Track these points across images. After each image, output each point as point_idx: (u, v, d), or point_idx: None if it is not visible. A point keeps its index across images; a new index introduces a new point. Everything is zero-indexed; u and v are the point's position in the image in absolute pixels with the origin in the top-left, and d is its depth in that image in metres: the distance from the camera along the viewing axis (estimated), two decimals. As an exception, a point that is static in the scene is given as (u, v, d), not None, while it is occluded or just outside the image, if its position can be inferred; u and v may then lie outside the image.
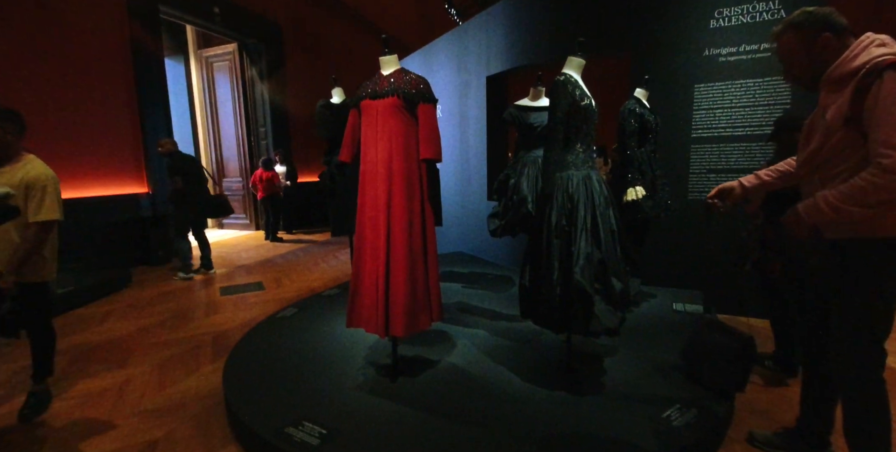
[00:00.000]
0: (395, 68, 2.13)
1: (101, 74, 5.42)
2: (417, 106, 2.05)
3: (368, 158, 2.08)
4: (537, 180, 2.83)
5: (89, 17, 5.24)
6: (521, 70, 4.31)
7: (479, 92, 4.71)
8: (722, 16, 3.22)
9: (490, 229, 3.03)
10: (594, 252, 1.93)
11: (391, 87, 2.03)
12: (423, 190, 2.13)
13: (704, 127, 3.41)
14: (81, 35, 5.17)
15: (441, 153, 2.08)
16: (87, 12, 5.21)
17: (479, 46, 4.66)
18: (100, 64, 5.40)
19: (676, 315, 3.14)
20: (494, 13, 4.42)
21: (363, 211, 2.12)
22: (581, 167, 2.02)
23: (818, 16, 1.33)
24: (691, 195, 3.53)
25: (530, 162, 2.88)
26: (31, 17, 4.68)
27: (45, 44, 4.81)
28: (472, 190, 5.05)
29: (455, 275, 4.41)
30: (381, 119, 2.03)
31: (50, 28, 4.84)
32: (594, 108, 2.03)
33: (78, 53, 5.14)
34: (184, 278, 5.19)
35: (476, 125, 4.82)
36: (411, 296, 2.09)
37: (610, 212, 2.01)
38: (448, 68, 5.26)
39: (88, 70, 5.27)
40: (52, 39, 4.87)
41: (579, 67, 2.06)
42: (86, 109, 5.28)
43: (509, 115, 2.92)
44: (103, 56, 5.44)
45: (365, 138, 2.08)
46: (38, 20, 4.73)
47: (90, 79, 5.30)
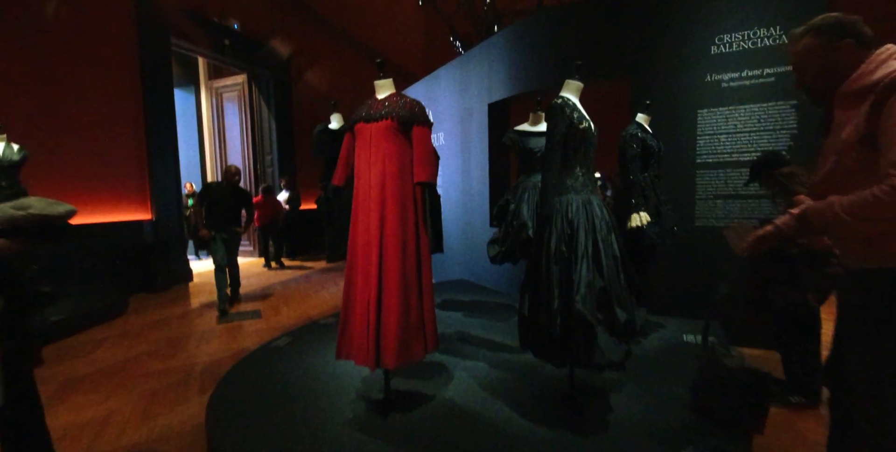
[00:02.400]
0: (390, 92, 2.11)
1: (109, 103, 5.54)
2: (412, 128, 2.01)
3: (362, 182, 2.03)
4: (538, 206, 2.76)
5: (100, 47, 5.41)
6: (522, 97, 4.33)
7: (480, 119, 4.73)
8: (723, 42, 3.23)
9: (490, 255, 2.95)
10: (596, 280, 1.83)
11: (385, 109, 2.01)
12: (418, 214, 2.06)
13: (709, 152, 3.35)
14: (91, 65, 5.31)
15: (436, 176, 2.03)
16: (98, 43, 5.37)
17: (480, 74, 4.72)
18: (109, 93, 5.53)
19: (687, 347, 2.99)
20: (496, 41, 4.49)
21: (355, 236, 2.05)
22: (581, 191, 1.95)
23: (844, 21, 1.25)
24: (698, 222, 3.43)
25: (531, 187, 2.82)
26: (42, 45, 4.82)
27: (55, 71, 4.93)
28: (474, 216, 5.00)
29: (456, 303, 4.29)
30: (374, 142, 1.99)
31: (60, 56, 4.98)
32: (593, 131, 1.99)
33: (87, 82, 5.27)
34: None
35: (478, 152, 4.81)
36: (404, 324, 1.98)
37: (612, 237, 1.92)
38: (450, 96, 5.32)
39: (97, 99, 5.39)
40: (61, 67, 5.00)
41: (577, 90, 2.03)
42: (93, 137, 5.36)
43: (509, 139, 2.89)
44: (113, 85, 5.58)
45: (359, 161, 2.05)
46: (50, 48, 4.87)
47: (98, 107, 5.41)
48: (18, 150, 3.98)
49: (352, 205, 2.08)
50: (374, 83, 2.11)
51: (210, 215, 4.53)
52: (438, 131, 5.61)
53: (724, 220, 3.37)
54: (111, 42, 5.51)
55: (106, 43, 5.45)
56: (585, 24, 3.79)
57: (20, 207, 1.41)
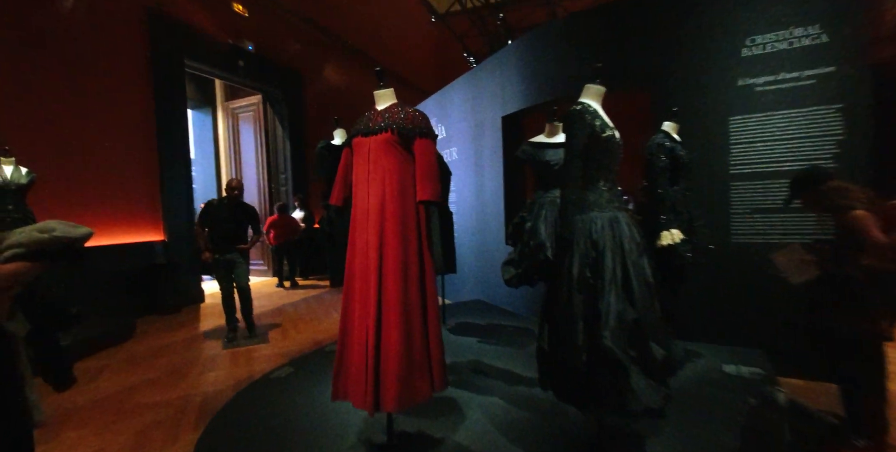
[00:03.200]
0: (391, 102, 1.93)
1: (122, 125, 5.55)
2: (414, 141, 1.82)
3: (360, 201, 1.83)
4: (557, 224, 2.52)
5: (114, 68, 5.44)
6: (537, 108, 4.13)
7: (494, 132, 4.54)
8: (755, 43, 2.98)
9: (505, 278, 2.70)
10: (627, 311, 1.57)
11: (385, 121, 1.82)
12: (422, 236, 1.85)
13: (744, 162, 3.07)
14: (105, 86, 5.34)
15: (440, 194, 1.82)
16: (111, 64, 5.41)
17: (493, 86, 4.55)
18: (122, 115, 5.55)
19: (728, 379, 2.66)
20: (508, 52, 4.33)
21: (352, 261, 1.85)
22: (606, 208, 1.70)
23: None
24: (735, 238, 3.13)
25: (548, 203, 2.59)
26: (57, 68, 4.85)
27: (67, 92, 4.95)
28: (488, 234, 4.76)
29: (470, 327, 4.02)
30: (373, 157, 1.80)
31: (74, 78, 5.00)
32: (618, 140, 1.75)
33: (101, 104, 5.29)
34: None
35: (492, 166, 4.61)
36: (406, 361, 1.75)
37: (644, 260, 1.67)
38: (462, 110, 5.16)
39: (110, 120, 5.40)
40: (75, 89, 5.02)
41: (598, 95, 1.81)
42: (105, 158, 5.36)
43: (523, 152, 2.67)
44: (126, 107, 5.59)
45: (356, 179, 1.85)
46: (64, 71, 4.90)
47: (111, 129, 5.42)
48: (26, 173, 3.95)
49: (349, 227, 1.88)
50: (374, 94, 1.93)
51: (212, 236, 4.13)
52: (451, 146, 5.44)
53: (763, 236, 3.06)
54: (125, 64, 5.56)
55: (120, 64, 5.49)
56: (602, 30, 3.60)
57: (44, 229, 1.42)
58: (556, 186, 2.61)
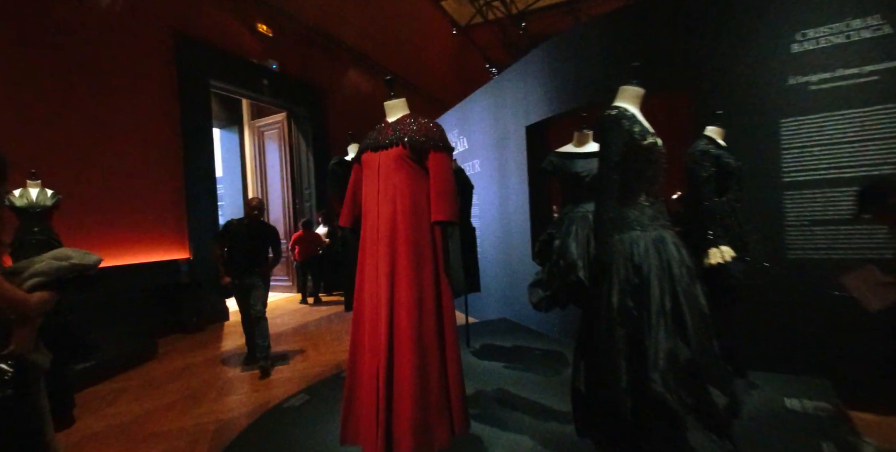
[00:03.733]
0: (403, 113, 1.76)
1: (148, 144, 5.63)
2: (427, 155, 1.64)
3: (369, 223, 1.66)
4: (588, 241, 2.29)
5: (141, 88, 5.54)
6: (562, 117, 3.92)
7: (518, 143, 4.34)
8: (806, 38, 2.70)
9: (532, 301, 2.46)
10: (679, 349, 1.32)
11: (396, 134, 1.65)
12: (438, 260, 1.65)
13: (799, 169, 2.76)
14: (132, 106, 5.43)
15: (457, 213, 1.62)
16: (138, 84, 5.51)
17: (516, 96, 4.37)
18: (148, 134, 5.63)
19: (793, 417, 2.32)
20: (531, 60, 4.15)
21: (361, 289, 1.66)
22: (649, 226, 1.47)
23: None
24: (791, 254, 2.80)
25: (578, 219, 2.35)
26: (83, 87, 4.93)
27: (95, 111, 5.04)
28: (513, 250, 4.52)
29: (495, 350, 3.77)
30: (383, 173, 1.63)
31: (101, 97, 5.10)
32: (661, 147, 1.53)
33: (127, 124, 5.37)
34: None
35: (516, 179, 4.40)
36: (422, 402, 1.54)
37: (697, 288, 1.42)
38: (485, 121, 4.99)
39: (136, 140, 5.48)
40: (101, 107, 5.11)
41: (636, 97, 1.60)
42: (132, 178, 5.43)
43: (550, 164, 2.45)
44: (152, 126, 5.68)
45: (366, 198, 1.68)
46: (90, 89, 4.98)
47: (138, 148, 5.50)
48: (52, 195, 3.98)
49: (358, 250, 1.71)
50: (385, 105, 1.77)
51: (231, 257, 3.89)
52: (474, 159, 5.27)
53: (823, 251, 2.72)
54: (152, 84, 5.66)
55: (147, 85, 5.60)
56: (633, 29, 3.36)
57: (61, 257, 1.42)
58: (586, 199, 2.38)
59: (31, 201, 3.86)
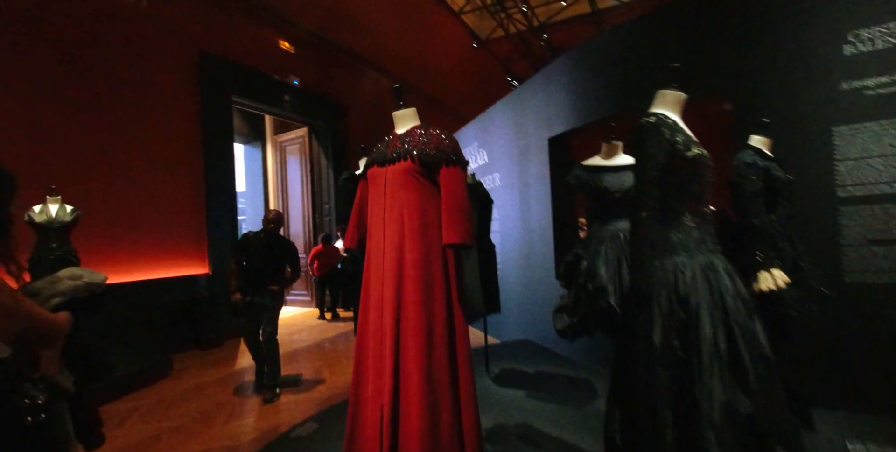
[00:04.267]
0: (413, 124, 1.61)
1: (169, 159, 5.68)
2: (439, 170, 1.48)
3: (374, 245, 1.50)
4: (620, 263, 2.07)
5: (163, 104, 5.60)
6: (587, 128, 3.72)
7: (540, 156, 4.15)
8: (859, 39, 2.45)
9: (558, 327, 2.24)
10: (739, 401, 1.10)
11: (404, 147, 1.50)
12: (451, 286, 1.47)
13: (856, 183, 2.48)
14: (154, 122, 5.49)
15: (471, 235, 1.44)
16: (161, 100, 5.57)
17: (538, 107, 4.20)
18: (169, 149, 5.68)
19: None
20: (554, 69, 3.99)
21: (366, 316, 1.50)
22: (696, 250, 1.26)
23: None
24: (848, 277, 2.50)
25: (607, 238, 2.14)
26: (105, 103, 4.99)
27: (118, 127, 5.08)
28: (536, 267, 4.30)
29: (516, 376, 3.53)
30: (390, 190, 1.48)
31: (124, 113, 5.15)
32: (708, 160, 1.32)
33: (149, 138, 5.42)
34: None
35: (538, 193, 4.20)
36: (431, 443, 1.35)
37: (757, 325, 1.19)
38: (505, 133, 4.83)
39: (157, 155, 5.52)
40: (124, 124, 5.15)
41: (676, 103, 1.40)
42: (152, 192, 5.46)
43: (576, 178, 2.25)
44: (174, 142, 5.73)
45: (371, 217, 1.53)
46: (113, 105, 5.04)
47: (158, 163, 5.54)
48: (71, 211, 4.00)
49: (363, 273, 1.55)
50: (393, 115, 1.63)
51: (245, 273, 3.66)
52: (494, 172, 5.10)
53: (885, 274, 2.42)
54: (175, 100, 5.73)
55: (170, 101, 5.67)
56: (663, 35, 3.16)
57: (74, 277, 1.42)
58: (616, 217, 2.17)
59: (51, 216, 3.88)
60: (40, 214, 3.83)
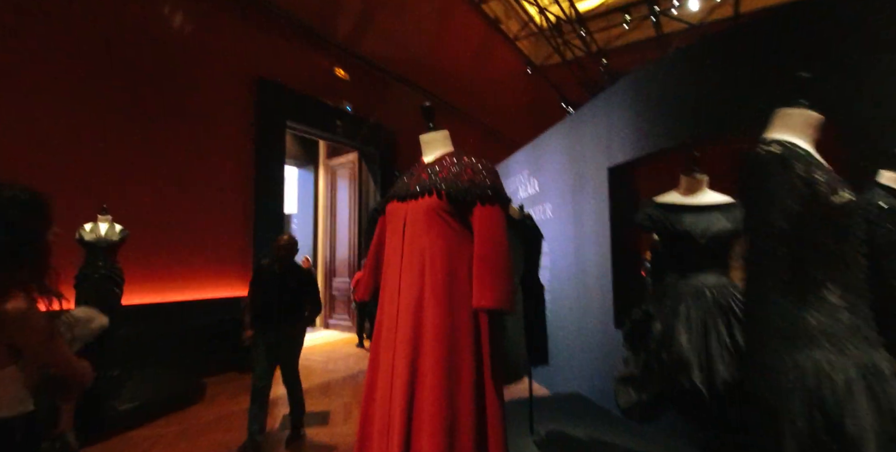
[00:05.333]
0: (444, 151, 1.32)
1: (223, 182, 5.78)
2: (472, 208, 1.16)
3: (387, 301, 1.19)
4: (706, 330, 1.62)
5: (220, 128, 5.74)
6: (656, 157, 3.29)
7: (598, 187, 3.74)
8: None
9: (621, 404, 1.80)
10: None
11: (430, 179, 1.20)
12: (484, 359, 1.12)
13: None
14: (209, 145, 5.63)
15: (509, 297, 1.09)
16: (218, 124, 5.71)
17: (597, 132, 3.82)
18: (223, 172, 5.79)
19: None
20: (616, 92, 3.61)
21: (372, 392, 1.18)
22: (849, 343, 0.84)
23: None
24: None
25: (690, 295, 1.71)
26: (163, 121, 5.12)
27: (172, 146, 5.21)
28: (591, 310, 3.81)
29: (566, 441, 3.03)
30: (409, 232, 1.18)
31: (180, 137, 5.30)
32: (861, 207, 0.91)
33: (203, 161, 5.55)
34: None
35: (595, 229, 3.76)
36: None
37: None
38: (559, 161, 4.46)
39: (210, 178, 5.63)
40: (180, 147, 5.30)
41: (807, 126, 1.02)
42: (203, 214, 5.54)
43: (647, 218, 1.85)
44: (228, 165, 5.85)
45: (387, 265, 1.23)
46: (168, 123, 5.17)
47: (210, 187, 5.64)
48: (120, 231, 4.05)
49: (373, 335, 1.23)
50: (420, 140, 1.34)
51: (257, 308, 3.19)
52: (545, 202, 4.71)
53: None
54: (230, 125, 5.88)
55: (225, 126, 5.82)
56: (748, 49, 2.70)
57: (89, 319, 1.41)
58: (700, 268, 1.73)
59: (100, 235, 3.94)
60: (90, 232, 3.90)
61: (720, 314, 1.65)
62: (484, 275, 1.08)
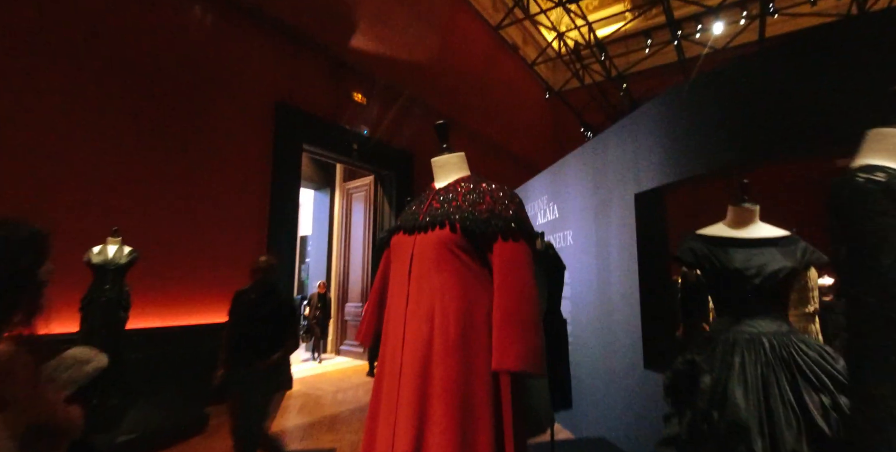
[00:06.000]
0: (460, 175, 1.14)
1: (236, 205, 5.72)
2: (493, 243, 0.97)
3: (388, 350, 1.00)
4: (766, 387, 1.38)
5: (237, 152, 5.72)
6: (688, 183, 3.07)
7: (624, 213, 3.52)
8: None
9: (663, 471, 1.54)
10: None
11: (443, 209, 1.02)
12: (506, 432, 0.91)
13: None
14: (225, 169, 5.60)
15: (538, 357, 0.89)
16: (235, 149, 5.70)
17: (622, 157, 3.63)
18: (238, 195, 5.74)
19: None
20: (643, 114, 3.44)
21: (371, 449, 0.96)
22: None
23: None
24: None
25: (744, 344, 1.46)
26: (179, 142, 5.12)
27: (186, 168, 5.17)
28: (617, 348, 3.52)
29: (594, 499, 2.71)
30: (417, 271, 0.99)
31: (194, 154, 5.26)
32: None
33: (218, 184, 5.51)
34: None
35: (621, 259, 3.52)
36: None
37: None
38: (581, 186, 4.27)
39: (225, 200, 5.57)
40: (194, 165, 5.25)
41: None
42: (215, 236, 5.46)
43: (690, 253, 1.62)
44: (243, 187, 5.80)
45: (390, 308, 1.04)
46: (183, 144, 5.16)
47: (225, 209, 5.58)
48: (129, 253, 3.97)
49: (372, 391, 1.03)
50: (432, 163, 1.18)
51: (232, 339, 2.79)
52: (566, 229, 4.49)
53: None
54: (247, 149, 5.87)
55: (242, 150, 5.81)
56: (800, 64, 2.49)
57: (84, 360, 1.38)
58: (755, 313, 1.50)
59: (108, 258, 3.86)
60: (98, 255, 3.82)
61: (782, 369, 1.40)
62: (506, 329, 0.87)
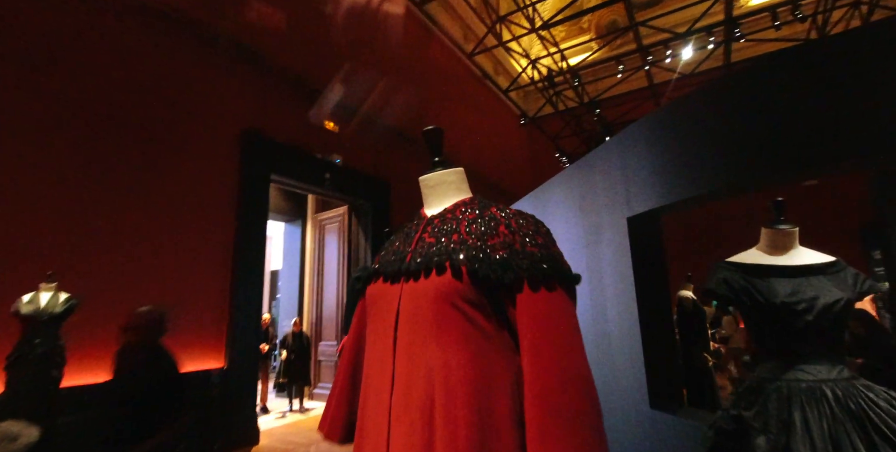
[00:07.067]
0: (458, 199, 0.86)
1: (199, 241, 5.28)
2: (515, 295, 0.67)
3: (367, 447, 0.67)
4: (835, 446, 1.11)
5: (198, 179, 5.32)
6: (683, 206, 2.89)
7: (616, 238, 3.31)
8: None
9: None
10: None
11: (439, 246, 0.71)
12: None
13: None
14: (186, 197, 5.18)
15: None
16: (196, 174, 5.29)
17: (611, 180, 3.46)
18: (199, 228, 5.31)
19: None
20: (632, 134, 3.29)
21: None
22: None
23: None
24: None
25: (802, 394, 1.20)
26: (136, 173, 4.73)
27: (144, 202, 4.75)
28: (619, 386, 3.23)
29: None
30: (407, 338, 0.66)
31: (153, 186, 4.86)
32: None
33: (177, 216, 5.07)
34: None
35: (616, 286, 3.28)
36: None
37: None
38: (568, 212, 4.07)
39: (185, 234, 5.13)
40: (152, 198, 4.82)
41: None
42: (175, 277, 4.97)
43: (723, 284, 1.38)
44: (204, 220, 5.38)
45: (367, 395, 0.71)
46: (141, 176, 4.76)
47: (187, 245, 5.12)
48: (65, 300, 3.50)
49: None
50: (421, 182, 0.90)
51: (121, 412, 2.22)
52: (554, 257, 4.25)
53: None
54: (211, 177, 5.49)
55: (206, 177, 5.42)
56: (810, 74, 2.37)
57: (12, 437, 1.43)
58: (809, 355, 1.25)
59: (40, 307, 3.36)
60: (27, 304, 3.34)
61: (855, 426, 1.14)
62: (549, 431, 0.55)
